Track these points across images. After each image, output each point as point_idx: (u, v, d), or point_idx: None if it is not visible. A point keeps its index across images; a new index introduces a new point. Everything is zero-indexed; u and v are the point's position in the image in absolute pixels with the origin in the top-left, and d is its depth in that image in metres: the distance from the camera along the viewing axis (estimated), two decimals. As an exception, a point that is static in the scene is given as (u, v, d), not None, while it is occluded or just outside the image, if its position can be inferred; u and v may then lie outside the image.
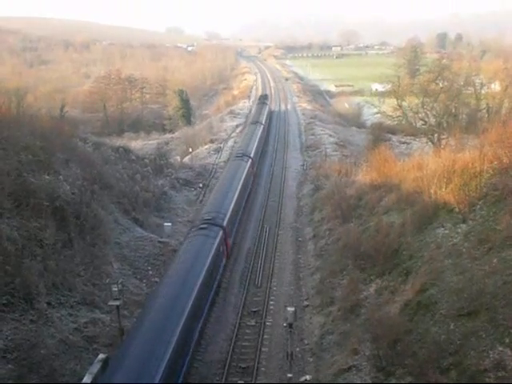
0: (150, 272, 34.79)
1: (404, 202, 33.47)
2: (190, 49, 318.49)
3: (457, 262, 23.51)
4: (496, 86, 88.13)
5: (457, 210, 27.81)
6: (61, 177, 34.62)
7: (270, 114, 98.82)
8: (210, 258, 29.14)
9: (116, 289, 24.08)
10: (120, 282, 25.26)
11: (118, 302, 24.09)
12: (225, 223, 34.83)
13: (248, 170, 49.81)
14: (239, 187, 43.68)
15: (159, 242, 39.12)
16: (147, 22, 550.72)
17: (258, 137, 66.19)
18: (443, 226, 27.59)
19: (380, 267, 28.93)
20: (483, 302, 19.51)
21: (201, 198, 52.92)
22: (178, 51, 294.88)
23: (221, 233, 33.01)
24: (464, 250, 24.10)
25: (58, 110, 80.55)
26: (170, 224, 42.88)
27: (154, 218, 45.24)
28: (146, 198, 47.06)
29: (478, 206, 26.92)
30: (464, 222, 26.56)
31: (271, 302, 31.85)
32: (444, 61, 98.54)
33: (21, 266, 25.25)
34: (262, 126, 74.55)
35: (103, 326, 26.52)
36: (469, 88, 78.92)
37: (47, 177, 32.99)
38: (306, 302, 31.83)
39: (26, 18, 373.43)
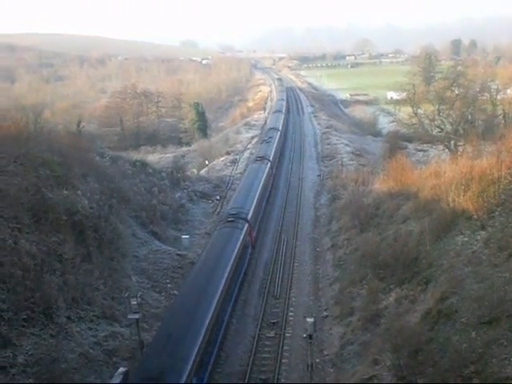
0: (169, 285, 34.81)
1: (422, 210, 33.23)
2: (204, 62, 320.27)
3: (477, 269, 23.28)
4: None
5: (475, 217, 27.56)
6: (79, 191, 34.87)
7: (286, 123, 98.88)
8: (238, 244, 32.67)
9: (135, 302, 24.15)
10: (139, 295, 25.36)
11: (137, 316, 24.14)
12: (249, 217, 38.01)
13: (268, 172, 52.92)
14: (260, 186, 46.92)
15: (177, 254, 39.19)
16: (161, 36, 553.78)
17: (276, 141, 69.64)
18: (462, 234, 27.34)
19: (399, 276, 28.71)
20: (504, 310, 19.28)
21: (218, 210, 52.96)
22: (192, 64, 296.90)
23: (246, 225, 36.16)
24: (484, 257, 23.86)
25: (74, 125, 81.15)
26: (187, 236, 42.99)
27: (171, 230, 45.35)
28: (164, 211, 47.21)
29: (497, 213, 26.66)
30: (483, 229, 26.30)
31: (290, 313, 31.69)
32: (459, 67, 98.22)
33: (40, 280, 25.41)
34: (279, 132, 77.31)
35: (123, 340, 26.56)
36: (484, 94, 78.51)
37: (65, 192, 33.24)
38: (325, 313, 31.64)
39: (42, 34, 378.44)
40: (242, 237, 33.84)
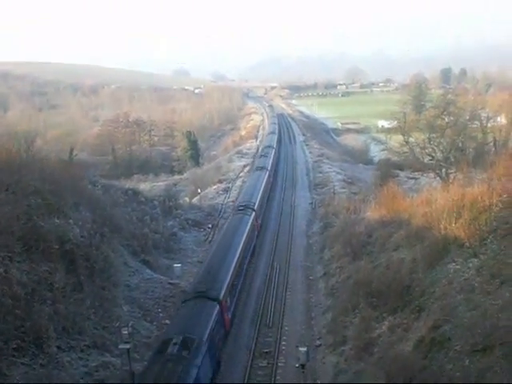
0: (161, 314, 34.53)
1: (414, 238, 33.25)
2: (197, 91, 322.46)
3: (469, 297, 23.26)
4: (502, 119, 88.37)
5: (467, 244, 27.60)
6: (70, 220, 34.72)
7: (278, 151, 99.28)
8: (249, 225, 42.51)
9: (126, 332, 23.98)
10: (130, 324, 25.17)
11: (128, 346, 23.94)
12: (255, 207, 47.85)
13: (267, 180, 63.73)
14: (263, 185, 58.26)
15: (169, 283, 38.93)
16: (154, 65, 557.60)
17: (272, 159, 77.11)
18: (454, 261, 27.35)
19: (392, 304, 28.62)
20: (497, 337, 19.22)
21: (210, 239, 52.83)
22: (185, 93, 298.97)
23: (253, 213, 46.09)
24: (476, 284, 23.85)
25: (67, 153, 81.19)
26: (179, 265, 42.81)
27: (163, 259, 45.17)
28: (156, 239, 47.06)
29: (489, 240, 26.71)
30: (475, 256, 26.33)
31: (283, 342, 31.44)
32: (449, 96, 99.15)
33: (31, 309, 25.18)
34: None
35: (114, 370, 26.22)
36: (475, 122, 79.10)
37: (57, 220, 33.09)
38: (318, 342, 31.44)
39: (35, 62, 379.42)
40: (250, 221, 43.70)
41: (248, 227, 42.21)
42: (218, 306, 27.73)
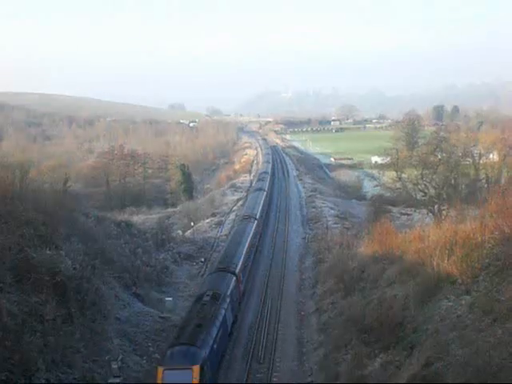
0: (151, 348, 34.22)
1: (407, 274, 33.23)
2: (191, 125, 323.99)
3: (462, 334, 23.18)
4: (494, 156, 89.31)
5: (460, 281, 27.62)
6: (62, 252, 34.58)
7: (272, 186, 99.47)
8: (253, 229, 53.68)
9: (116, 366, 23.76)
10: (120, 358, 24.92)
11: (117, 380, 23.73)
12: (257, 216, 59.91)
13: (265, 198, 75.57)
14: (262, 201, 70.75)
15: (160, 317, 38.69)
16: (150, 98, 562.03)
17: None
18: (447, 298, 27.32)
19: (384, 341, 28.42)
20: (490, 374, 19.13)
21: (202, 272, 52.58)
22: (180, 127, 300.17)
23: (256, 221, 57.22)
24: (468, 321, 23.80)
25: (61, 184, 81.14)
26: (171, 299, 42.63)
27: (154, 292, 44.93)
28: (148, 272, 46.89)
29: (481, 277, 26.74)
30: (467, 293, 26.33)
31: (274, 379, 31.13)
32: (442, 133, 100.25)
33: (20, 341, 24.90)
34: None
35: (103, 404, 25.88)
36: (467, 159, 80.00)
37: (49, 251, 32.93)
38: (309, 379, 31.12)
39: (31, 93, 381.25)
40: (254, 226, 54.71)
41: (252, 230, 53.65)
42: (235, 277, 38.54)
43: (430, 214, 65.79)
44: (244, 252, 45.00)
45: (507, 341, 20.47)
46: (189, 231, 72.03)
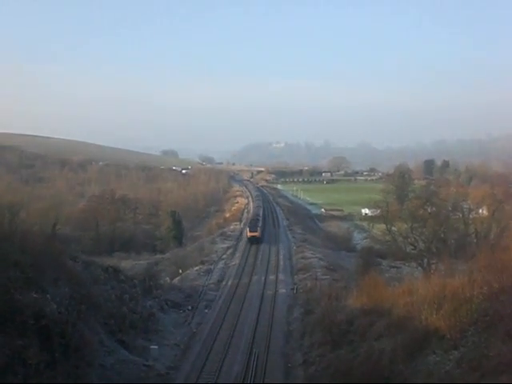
0: (134, 397, 33.58)
1: (395, 328, 33.01)
2: (184, 172, 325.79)
3: (449, 390, 22.95)
4: (484, 211, 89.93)
5: (448, 336, 27.47)
6: (48, 295, 34.17)
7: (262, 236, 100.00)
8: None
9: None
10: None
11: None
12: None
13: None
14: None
15: (144, 365, 38.05)
16: (143, 144, 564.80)
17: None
18: (435, 353, 27.12)
19: (372, 396, 28.08)
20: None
21: (189, 321, 51.95)
22: (172, 174, 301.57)
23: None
24: (456, 377, 23.58)
25: (50, 227, 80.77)
26: (156, 347, 41.98)
27: (140, 340, 44.19)
28: (134, 319, 46.21)
29: (470, 332, 26.63)
30: (456, 348, 26.17)
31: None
32: (432, 187, 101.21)
33: (1, 386, 24.41)
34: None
35: None
36: (457, 213, 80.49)
37: (35, 295, 32.57)
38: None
39: (25, 135, 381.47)
40: None
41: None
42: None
43: (419, 268, 65.80)
44: None
45: (495, 398, 20.28)
46: (177, 278, 71.50)
